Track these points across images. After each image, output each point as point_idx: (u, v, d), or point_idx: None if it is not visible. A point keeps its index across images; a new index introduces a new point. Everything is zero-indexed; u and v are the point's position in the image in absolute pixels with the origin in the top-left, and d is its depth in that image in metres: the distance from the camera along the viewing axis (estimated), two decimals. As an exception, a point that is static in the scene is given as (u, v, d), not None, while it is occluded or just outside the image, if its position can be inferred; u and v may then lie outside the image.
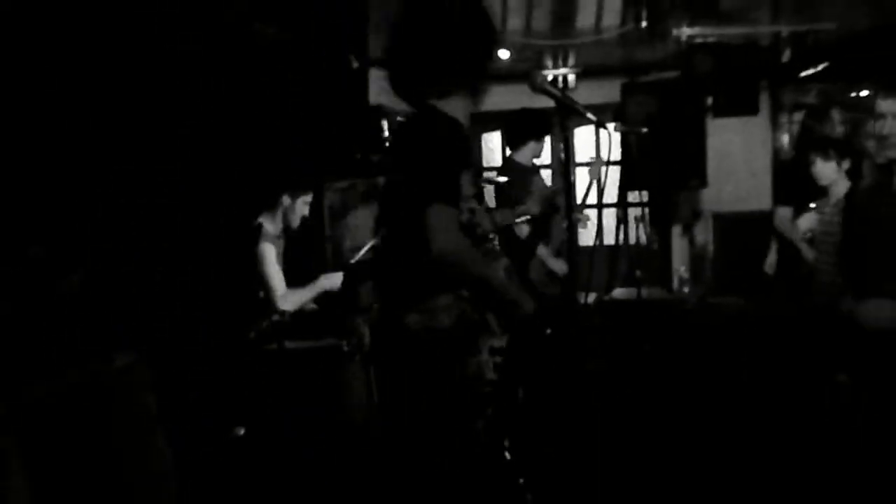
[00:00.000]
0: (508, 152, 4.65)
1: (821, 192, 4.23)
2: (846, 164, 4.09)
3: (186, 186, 3.72)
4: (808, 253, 4.30)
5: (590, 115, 2.64)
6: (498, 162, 6.83)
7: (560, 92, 2.74)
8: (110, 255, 3.26)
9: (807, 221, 4.37)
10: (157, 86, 3.61)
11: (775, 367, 4.31)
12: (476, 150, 7.14)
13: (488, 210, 3.74)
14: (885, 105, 3.88)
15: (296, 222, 3.84)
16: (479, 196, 3.62)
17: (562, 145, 2.58)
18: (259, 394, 3.61)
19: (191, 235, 3.70)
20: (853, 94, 6.03)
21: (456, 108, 2.39)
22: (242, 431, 3.62)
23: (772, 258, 4.83)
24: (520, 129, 4.48)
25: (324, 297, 3.96)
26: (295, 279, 3.92)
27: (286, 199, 3.79)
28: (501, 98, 4.97)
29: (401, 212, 2.34)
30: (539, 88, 2.40)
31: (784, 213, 4.68)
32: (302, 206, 3.84)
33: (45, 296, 2.77)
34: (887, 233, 3.94)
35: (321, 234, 4.89)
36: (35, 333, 2.65)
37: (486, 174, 4.77)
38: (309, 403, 3.57)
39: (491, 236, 2.96)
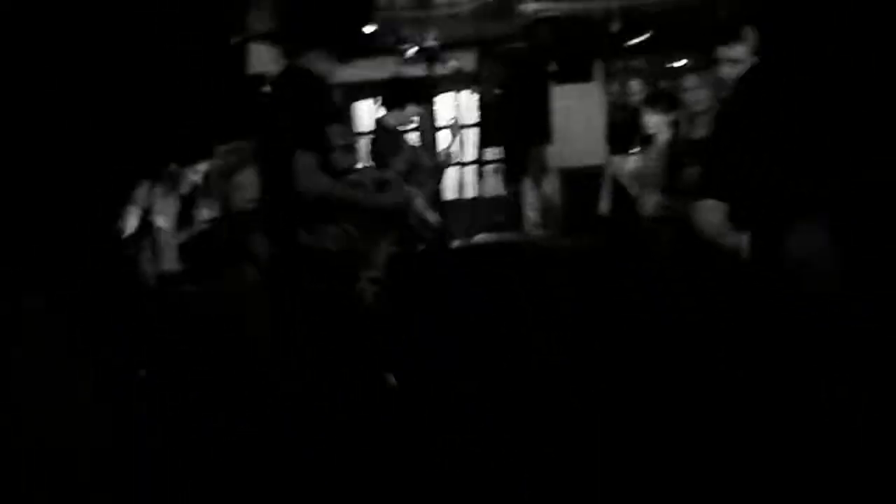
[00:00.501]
0: (378, 115, 4.82)
1: (646, 141, 4.70)
2: (672, 117, 4.53)
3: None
4: (635, 188, 4.77)
5: (454, 62, 3.08)
6: (368, 128, 7.11)
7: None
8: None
9: (632, 163, 4.83)
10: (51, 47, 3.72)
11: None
12: (348, 114, 7.33)
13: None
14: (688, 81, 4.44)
15: (185, 188, 4.08)
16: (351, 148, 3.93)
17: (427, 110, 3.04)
18: (165, 335, 3.73)
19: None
20: (670, 65, 6.66)
21: (323, 67, 2.67)
22: (144, 373, 3.70)
23: (604, 202, 5.39)
24: (393, 95, 4.70)
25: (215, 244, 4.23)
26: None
27: (174, 167, 4.01)
28: (370, 69, 5.37)
29: (278, 158, 2.55)
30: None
31: (615, 160, 5.29)
32: (191, 174, 4.09)
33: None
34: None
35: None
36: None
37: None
38: (215, 341, 3.71)
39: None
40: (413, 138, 5.34)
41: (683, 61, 6.61)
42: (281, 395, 2.87)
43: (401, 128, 4.91)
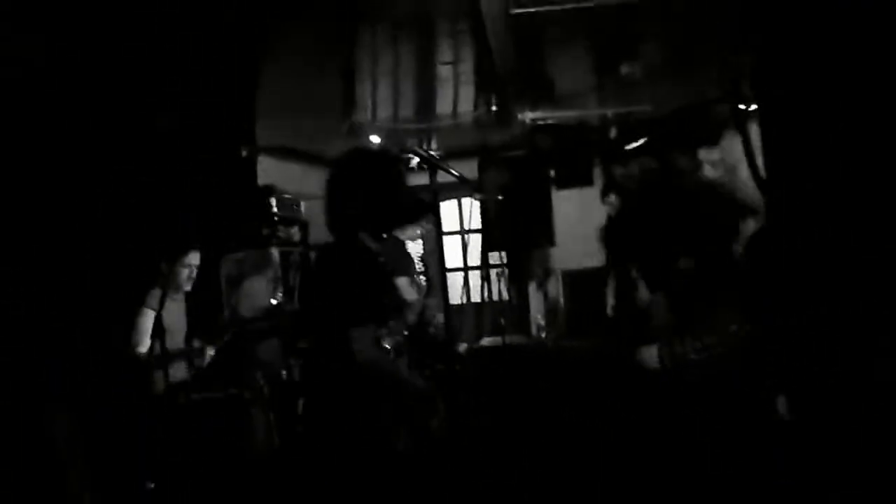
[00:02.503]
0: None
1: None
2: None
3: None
4: (644, 294, 4.71)
5: (454, 171, 3.21)
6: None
7: (428, 154, 3.35)
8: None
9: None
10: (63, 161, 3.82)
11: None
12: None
13: None
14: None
15: (181, 286, 4.11)
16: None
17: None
18: (170, 444, 3.63)
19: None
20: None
21: (369, 243, 2.86)
22: (153, 485, 3.60)
23: (610, 303, 5.53)
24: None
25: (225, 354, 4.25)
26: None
27: (164, 267, 4.01)
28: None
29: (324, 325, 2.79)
30: (411, 151, 2.99)
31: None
32: (182, 271, 4.08)
33: None
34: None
35: (219, 301, 5.16)
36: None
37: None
38: (217, 448, 3.71)
39: None
40: (419, 249, 5.46)
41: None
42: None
43: (408, 240, 5.05)
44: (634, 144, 6.47)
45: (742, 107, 1.94)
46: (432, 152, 6.91)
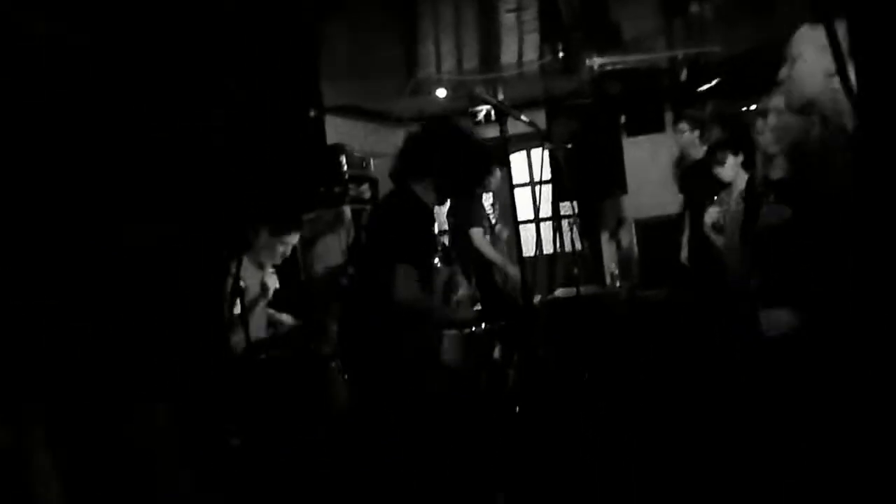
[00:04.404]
0: None
1: (722, 187, 4.67)
2: (741, 158, 4.52)
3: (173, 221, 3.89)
4: (718, 240, 4.73)
5: (523, 118, 3.22)
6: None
7: (496, 100, 3.37)
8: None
9: (712, 214, 4.80)
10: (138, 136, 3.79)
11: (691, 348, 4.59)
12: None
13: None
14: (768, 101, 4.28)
15: (276, 259, 4.19)
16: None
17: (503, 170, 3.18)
18: (250, 403, 3.75)
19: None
20: (743, 108, 6.61)
21: (429, 197, 3.01)
22: (237, 441, 3.69)
23: (685, 251, 5.41)
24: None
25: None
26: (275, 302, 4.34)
27: (264, 236, 4.12)
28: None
29: (375, 264, 2.92)
30: (478, 97, 3.07)
31: (693, 209, 5.24)
32: (280, 246, 4.17)
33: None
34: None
35: (294, 258, 5.23)
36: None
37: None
38: (295, 407, 3.78)
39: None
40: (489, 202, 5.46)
41: (754, 105, 6.50)
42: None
43: (480, 191, 5.07)
44: (706, 86, 6.46)
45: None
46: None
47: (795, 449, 2.53)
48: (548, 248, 6.45)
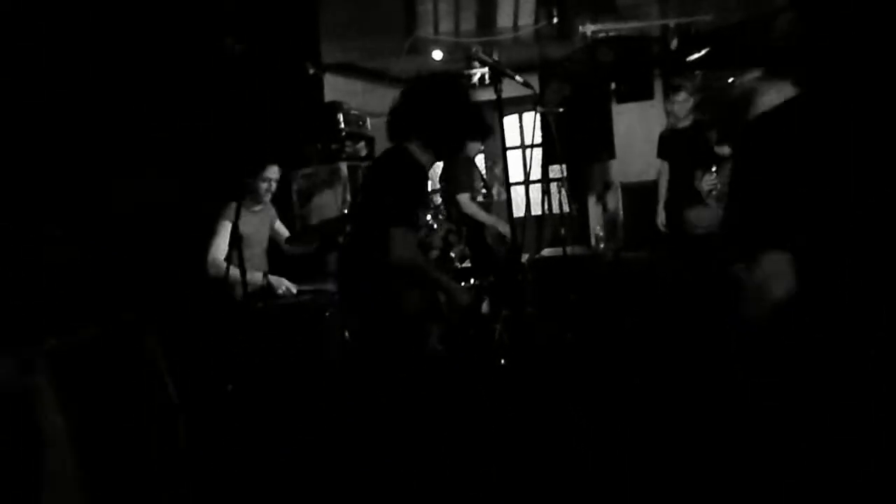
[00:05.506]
0: None
1: (720, 160, 4.77)
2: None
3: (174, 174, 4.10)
4: (717, 208, 4.74)
5: (518, 78, 3.30)
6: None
7: (493, 60, 3.44)
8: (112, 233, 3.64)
9: (708, 182, 4.88)
10: (146, 92, 4.04)
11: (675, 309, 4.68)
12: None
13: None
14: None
15: (261, 199, 4.28)
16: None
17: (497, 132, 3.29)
18: (250, 345, 3.72)
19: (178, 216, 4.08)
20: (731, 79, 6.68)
21: (424, 157, 2.97)
22: (231, 387, 3.63)
23: (661, 216, 5.52)
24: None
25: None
26: (272, 250, 4.46)
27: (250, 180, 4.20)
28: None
29: (371, 222, 2.90)
30: (475, 57, 3.04)
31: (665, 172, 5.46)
32: (262, 184, 4.23)
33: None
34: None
35: (291, 213, 5.35)
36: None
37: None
38: (295, 348, 3.86)
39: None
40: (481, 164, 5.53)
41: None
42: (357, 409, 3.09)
43: (473, 153, 5.19)
44: (696, 56, 6.58)
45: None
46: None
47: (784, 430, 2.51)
48: (536, 210, 6.55)
